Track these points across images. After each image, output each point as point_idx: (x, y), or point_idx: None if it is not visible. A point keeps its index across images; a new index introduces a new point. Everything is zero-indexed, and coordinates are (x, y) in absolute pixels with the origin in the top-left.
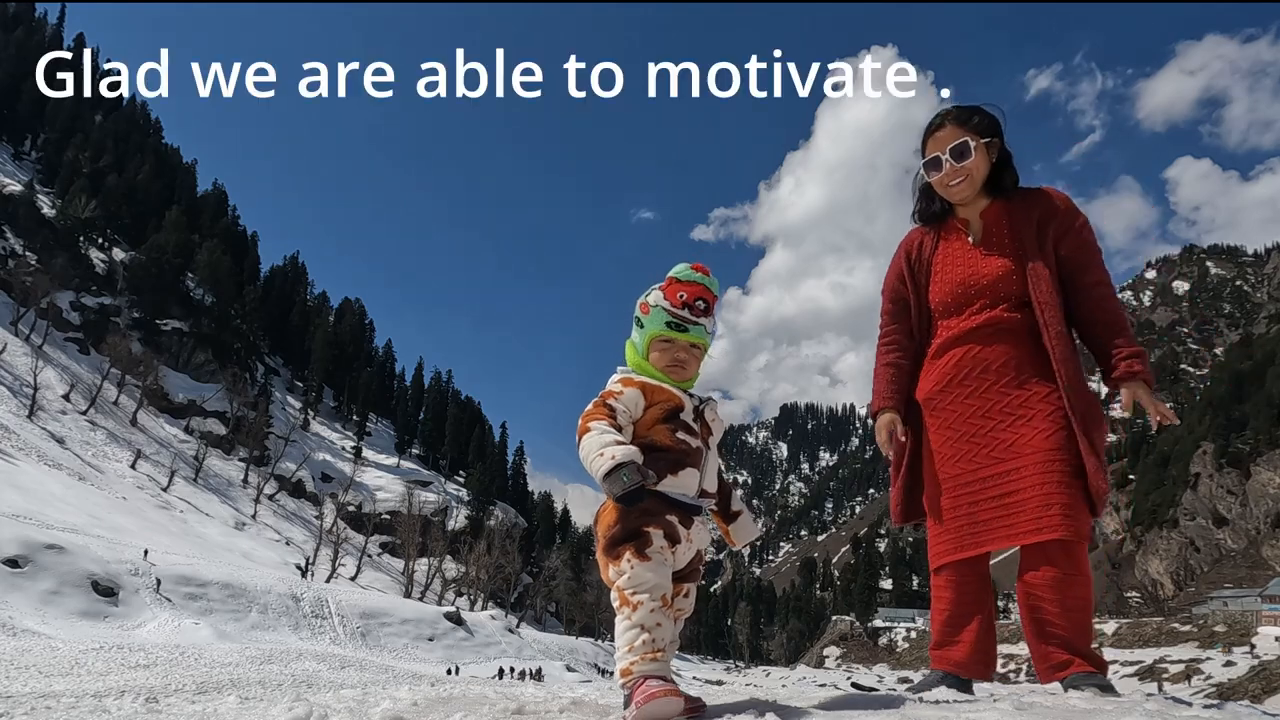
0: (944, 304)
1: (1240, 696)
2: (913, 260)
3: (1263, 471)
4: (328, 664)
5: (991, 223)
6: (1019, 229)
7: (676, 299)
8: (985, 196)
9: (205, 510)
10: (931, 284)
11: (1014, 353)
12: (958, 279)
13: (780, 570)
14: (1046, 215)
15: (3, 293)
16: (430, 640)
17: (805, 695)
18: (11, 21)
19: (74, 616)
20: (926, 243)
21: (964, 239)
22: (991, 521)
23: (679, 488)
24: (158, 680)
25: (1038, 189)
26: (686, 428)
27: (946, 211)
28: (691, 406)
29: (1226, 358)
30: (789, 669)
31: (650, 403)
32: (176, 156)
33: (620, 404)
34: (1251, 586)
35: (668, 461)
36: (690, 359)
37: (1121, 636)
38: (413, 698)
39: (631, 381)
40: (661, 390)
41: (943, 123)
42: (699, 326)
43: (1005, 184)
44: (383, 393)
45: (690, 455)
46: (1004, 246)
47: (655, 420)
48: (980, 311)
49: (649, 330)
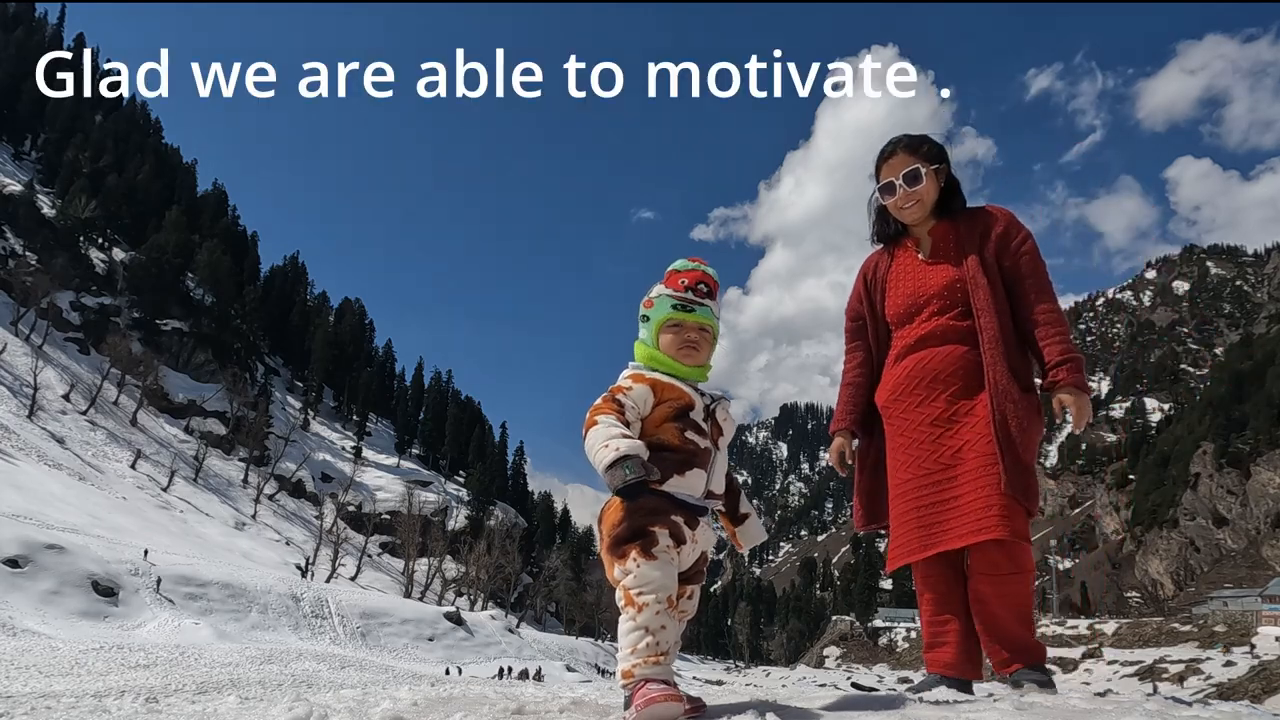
0: (897, 314)
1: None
2: (869, 280)
3: (1263, 471)
4: (328, 664)
5: (939, 239)
6: (964, 243)
7: (679, 284)
8: (934, 217)
9: (205, 510)
10: (887, 298)
11: (961, 359)
12: (909, 290)
13: (780, 570)
14: (988, 229)
15: (3, 293)
16: (430, 640)
17: (805, 695)
18: (11, 21)
19: (74, 616)
20: (881, 262)
21: (914, 255)
22: (938, 524)
23: (685, 488)
24: (158, 680)
25: (982, 208)
26: (696, 427)
27: (901, 232)
28: (702, 406)
29: (1226, 358)
30: (789, 669)
31: (660, 400)
32: (176, 156)
33: (629, 399)
34: (1251, 586)
35: (675, 461)
36: (702, 341)
37: (1121, 636)
38: (413, 698)
39: (642, 378)
40: (672, 388)
41: (895, 150)
42: (705, 307)
43: (953, 206)
44: (383, 393)
45: (698, 456)
46: (950, 259)
47: (664, 418)
48: (929, 319)
49: (656, 318)
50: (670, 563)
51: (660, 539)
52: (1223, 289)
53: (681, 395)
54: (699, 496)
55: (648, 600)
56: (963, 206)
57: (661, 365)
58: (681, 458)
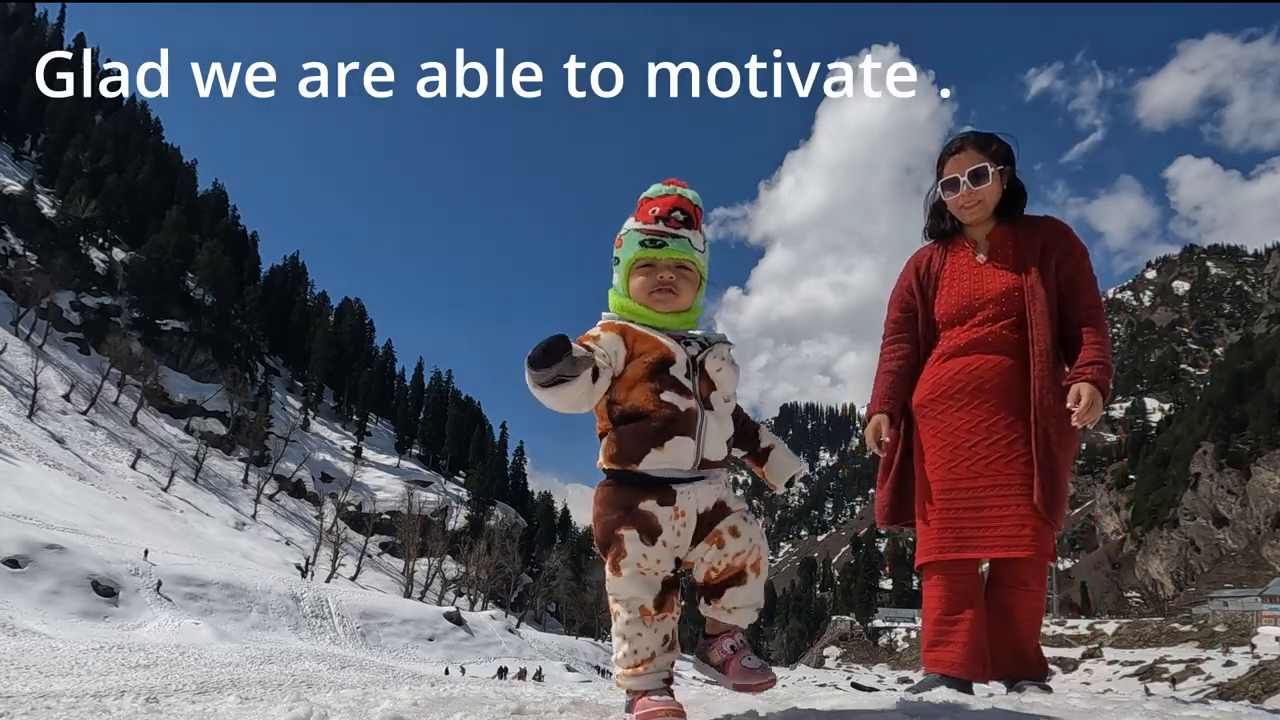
0: (949, 315)
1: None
2: (921, 275)
3: (1263, 471)
4: (328, 664)
5: (998, 243)
6: (1023, 251)
7: (649, 215)
8: (993, 220)
9: (205, 510)
10: (938, 296)
11: (1009, 372)
12: (963, 292)
13: (780, 570)
14: (1050, 241)
15: (3, 293)
16: (430, 640)
17: (805, 695)
18: (11, 21)
19: (74, 616)
20: (935, 258)
21: (970, 255)
22: (970, 531)
23: (667, 462)
24: (158, 680)
25: (1044, 218)
26: (676, 385)
27: (955, 230)
28: (686, 359)
29: (1226, 358)
30: (789, 669)
31: (632, 353)
32: (176, 156)
33: (598, 348)
34: (1252, 586)
35: (650, 432)
36: (680, 281)
37: (1121, 636)
38: (413, 698)
39: (611, 325)
40: (646, 339)
41: (963, 146)
42: (681, 239)
43: (1015, 210)
44: (383, 393)
45: (679, 420)
46: (1008, 265)
47: (638, 378)
48: (982, 325)
49: (625, 258)
50: (637, 575)
51: (627, 548)
52: (1223, 289)
53: (657, 347)
54: (689, 469)
55: (618, 610)
56: (1023, 211)
57: (636, 316)
58: (658, 425)
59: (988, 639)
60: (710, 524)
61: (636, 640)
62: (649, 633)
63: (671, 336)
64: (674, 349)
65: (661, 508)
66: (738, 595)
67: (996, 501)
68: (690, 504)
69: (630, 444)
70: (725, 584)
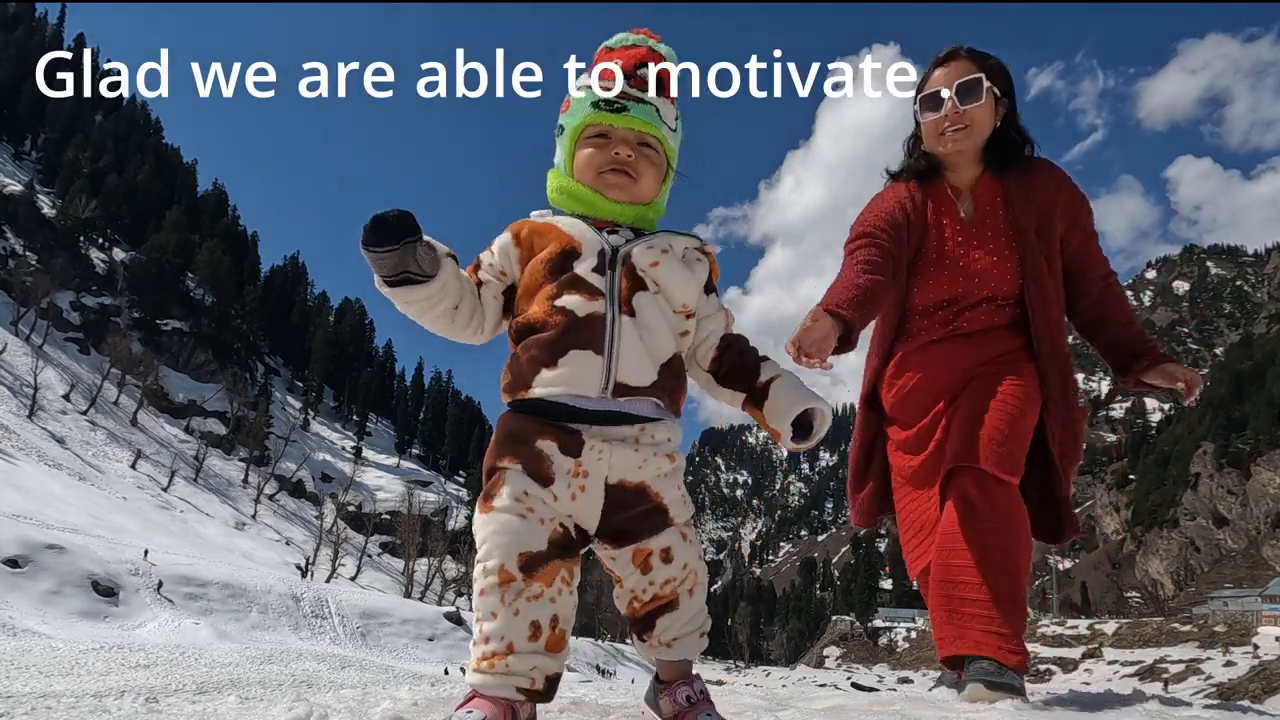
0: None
1: (1240, 696)
2: (910, 214)
3: (1263, 471)
4: (328, 664)
5: (985, 201)
6: (1018, 212)
7: (606, 73)
8: (979, 164)
9: (205, 510)
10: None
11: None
12: (946, 267)
13: (780, 570)
14: (1050, 201)
15: (3, 293)
16: (430, 640)
17: (805, 695)
18: (11, 21)
19: (74, 616)
20: (917, 203)
21: (954, 208)
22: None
23: (561, 383)
24: (158, 680)
25: (1037, 163)
26: (578, 284)
27: (933, 169)
28: (600, 248)
29: (1226, 358)
30: (789, 669)
31: (530, 249)
32: (176, 156)
33: (486, 257)
34: (1252, 586)
35: (541, 346)
36: (641, 162)
37: (1121, 636)
38: (413, 698)
39: (508, 229)
40: (546, 231)
41: (954, 55)
42: (647, 106)
43: (1008, 158)
44: (383, 393)
45: (578, 329)
46: (1000, 232)
47: (537, 282)
48: (968, 314)
49: (570, 125)
50: (512, 515)
51: (507, 479)
52: (1223, 289)
53: (558, 237)
54: (596, 395)
55: (477, 572)
56: (1015, 160)
57: (578, 201)
58: (550, 336)
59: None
60: (626, 517)
61: (489, 623)
62: (505, 613)
63: (593, 224)
64: (579, 237)
65: (562, 456)
66: (672, 625)
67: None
68: (597, 465)
69: (522, 364)
70: (654, 614)
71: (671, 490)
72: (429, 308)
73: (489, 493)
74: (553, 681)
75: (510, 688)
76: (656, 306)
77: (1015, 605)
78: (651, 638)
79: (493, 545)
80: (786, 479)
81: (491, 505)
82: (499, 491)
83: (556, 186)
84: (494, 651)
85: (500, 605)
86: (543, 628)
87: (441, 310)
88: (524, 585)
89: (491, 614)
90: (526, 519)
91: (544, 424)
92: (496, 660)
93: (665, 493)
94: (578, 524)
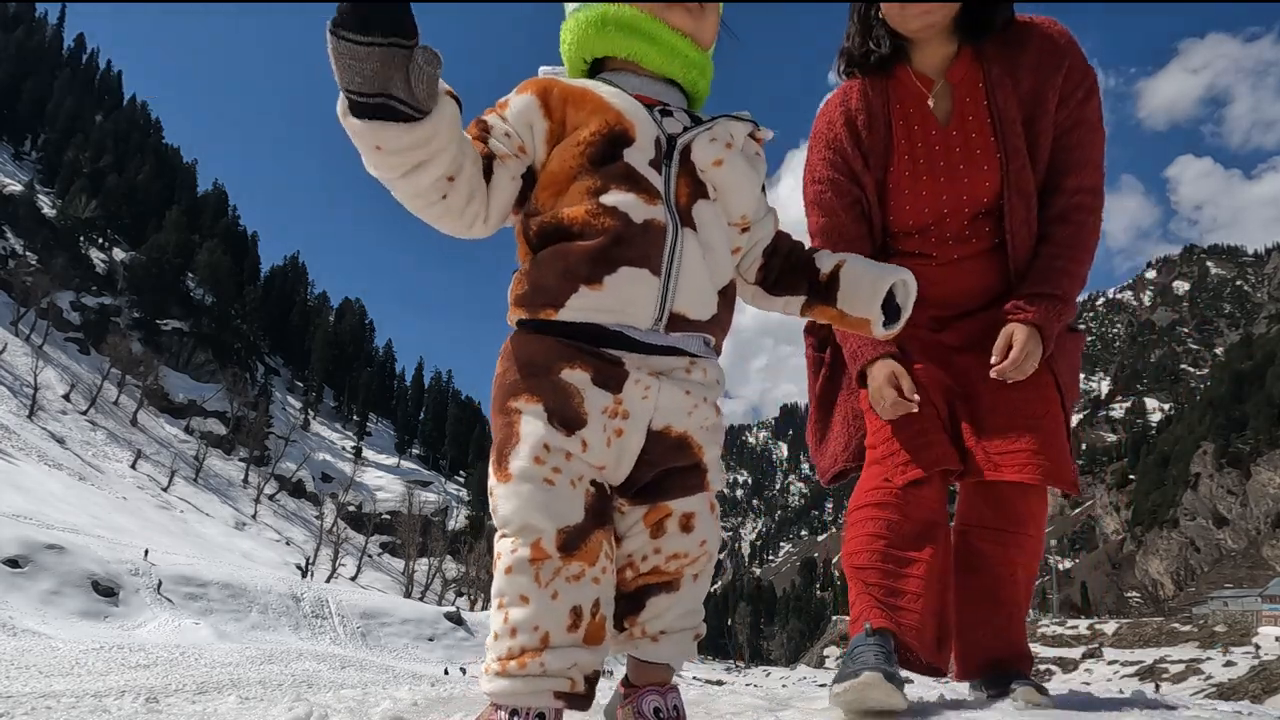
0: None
1: (1240, 696)
2: (855, 122)
3: (1263, 471)
4: (328, 664)
5: (964, 88)
6: (1002, 102)
7: None
8: (953, 38)
9: (205, 510)
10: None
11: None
12: (928, 189)
13: (780, 570)
14: (1045, 80)
15: (3, 293)
16: (430, 640)
17: (805, 695)
18: (11, 21)
19: (74, 616)
20: (876, 108)
21: (926, 110)
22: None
23: (607, 309)
24: (158, 680)
25: (1028, 22)
26: (632, 179)
27: (892, 56)
28: (655, 134)
29: (1226, 358)
30: (789, 669)
31: (562, 126)
32: (176, 156)
33: (500, 119)
34: (1252, 586)
35: (581, 257)
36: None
37: (1121, 636)
38: (413, 698)
39: (528, 84)
40: (584, 99)
41: None
42: None
43: (988, 24)
44: (383, 393)
45: (632, 238)
46: (983, 133)
47: (570, 169)
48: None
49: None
50: (535, 486)
51: (523, 429)
52: (1223, 289)
53: (602, 111)
54: (646, 326)
55: (499, 550)
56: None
57: (625, 27)
58: (595, 247)
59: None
60: (660, 472)
61: (519, 609)
62: (540, 596)
63: (639, 99)
64: (630, 115)
65: (596, 390)
66: (666, 611)
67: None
68: (642, 404)
69: (549, 276)
70: (648, 591)
71: (714, 448)
72: (411, 165)
73: (502, 451)
74: (592, 683)
75: (546, 693)
76: (716, 218)
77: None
78: (635, 623)
79: (521, 522)
80: (786, 479)
81: (509, 472)
82: (515, 450)
83: (596, 18)
84: (524, 646)
85: (534, 587)
86: (584, 614)
87: (430, 179)
88: (561, 564)
89: (522, 598)
90: (555, 485)
91: (574, 348)
92: (529, 658)
93: (708, 450)
94: (607, 479)
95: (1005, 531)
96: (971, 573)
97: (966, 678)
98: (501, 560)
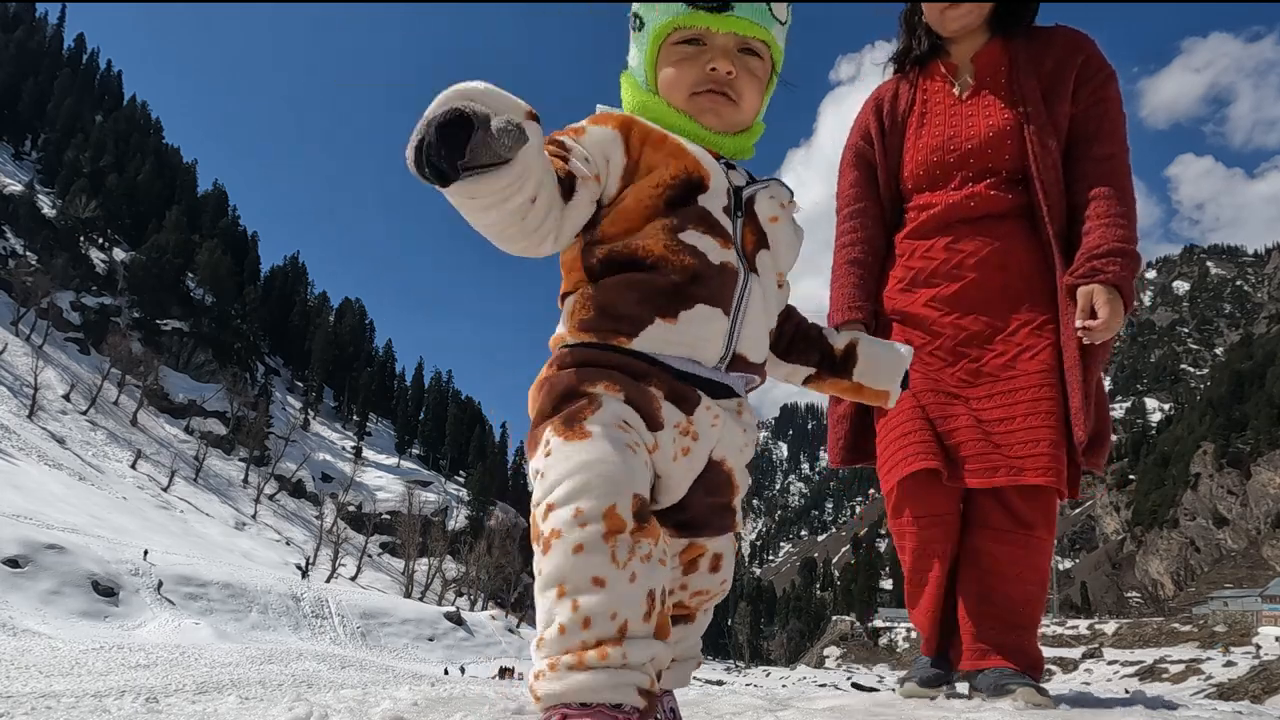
0: (916, 174)
1: (1240, 696)
2: (884, 115)
3: (1263, 471)
4: (328, 664)
5: (986, 68)
6: (1022, 78)
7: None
8: (985, 32)
9: (205, 510)
10: (905, 148)
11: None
12: (934, 140)
13: (780, 570)
14: (1063, 59)
15: (3, 293)
16: (430, 640)
17: (805, 695)
18: (11, 21)
19: (74, 616)
20: (903, 93)
21: (949, 89)
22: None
23: (678, 344)
24: (158, 680)
25: (1053, 27)
26: (708, 223)
27: (931, 53)
28: (726, 185)
29: (1226, 358)
30: (789, 669)
31: (640, 162)
32: (176, 156)
33: (578, 144)
34: (1252, 586)
35: (658, 290)
36: (744, 78)
37: (1121, 636)
38: (413, 698)
39: (606, 117)
40: (663, 141)
41: None
42: (756, 2)
43: (1018, 16)
44: (383, 393)
45: (708, 279)
46: (999, 99)
47: (649, 204)
48: (961, 186)
49: (655, 25)
50: (613, 447)
51: (605, 402)
52: (1223, 289)
53: (681, 156)
54: (711, 365)
55: (562, 521)
56: (1030, 20)
57: (667, 128)
58: (673, 281)
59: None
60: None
61: (591, 595)
62: (619, 578)
63: (707, 152)
64: (706, 166)
65: (671, 406)
66: (681, 640)
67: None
68: (710, 430)
69: (623, 302)
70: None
71: (744, 488)
72: (498, 202)
73: (573, 415)
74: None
75: (630, 688)
76: (773, 269)
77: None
78: None
79: (589, 481)
80: (786, 479)
81: (584, 430)
82: (595, 414)
83: (637, 104)
84: (600, 637)
85: (611, 567)
86: (656, 601)
87: (516, 204)
88: (634, 540)
89: (595, 581)
90: (636, 452)
91: (648, 364)
92: (610, 648)
93: (740, 488)
94: (658, 493)
95: (1014, 533)
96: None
97: (967, 677)
98: (564, 538)
